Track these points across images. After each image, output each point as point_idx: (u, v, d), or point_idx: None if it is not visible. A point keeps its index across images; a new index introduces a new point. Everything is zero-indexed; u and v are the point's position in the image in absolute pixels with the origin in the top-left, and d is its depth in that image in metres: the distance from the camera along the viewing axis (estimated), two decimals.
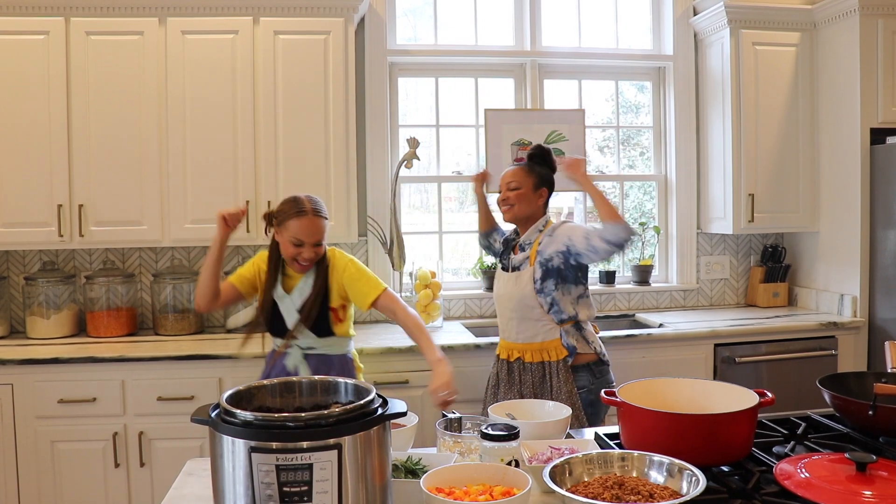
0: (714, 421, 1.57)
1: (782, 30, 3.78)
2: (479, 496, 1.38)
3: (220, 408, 1.29)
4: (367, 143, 3.78)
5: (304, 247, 2.40)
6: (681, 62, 4.05)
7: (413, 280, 3.66)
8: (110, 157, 3.28)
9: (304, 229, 2.38)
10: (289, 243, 2.41)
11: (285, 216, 2.40)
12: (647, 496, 1.34)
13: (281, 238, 2.44)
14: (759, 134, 3.78)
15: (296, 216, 2.38)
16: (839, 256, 3.75)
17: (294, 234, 2.38)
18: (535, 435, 1.77)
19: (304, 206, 2.39)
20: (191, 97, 3.30)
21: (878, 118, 3.53)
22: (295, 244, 2.40)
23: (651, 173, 4.23)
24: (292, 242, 2.40)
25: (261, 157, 3.35)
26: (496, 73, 4.04)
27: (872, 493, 1.35)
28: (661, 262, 4.23)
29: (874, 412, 1.70)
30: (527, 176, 2.74)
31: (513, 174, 2.76)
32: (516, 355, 2.73)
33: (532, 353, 2.69)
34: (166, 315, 3.48)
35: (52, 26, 3.22)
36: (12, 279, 3.60)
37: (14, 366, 2.98)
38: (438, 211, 4.03)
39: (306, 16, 3.36)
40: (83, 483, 3.02)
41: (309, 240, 2.40)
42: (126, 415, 3.03)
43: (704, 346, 3.47)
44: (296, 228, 2.38)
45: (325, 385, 1.47)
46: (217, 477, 1.26)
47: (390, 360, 3.18)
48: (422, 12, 4.04)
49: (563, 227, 2.73)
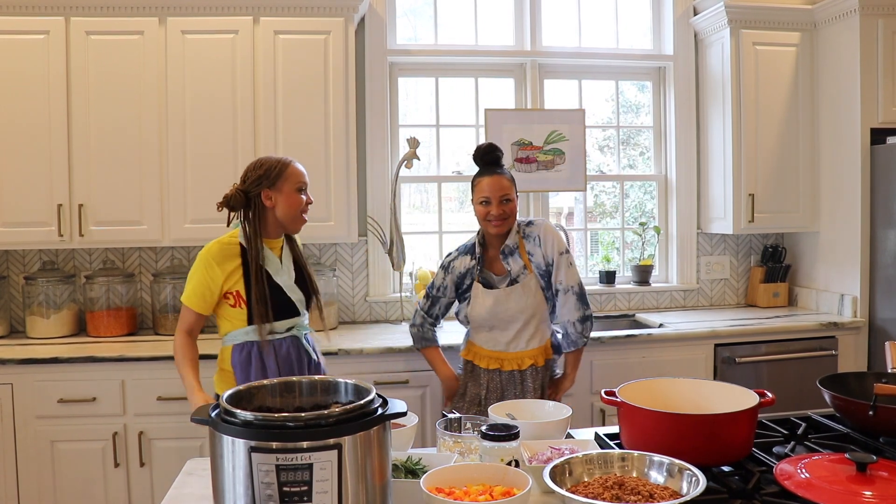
0: (714, 421, 1.57)
1: (782, 30, 3.78)
2: (479, 496, 1.38)
3: (220, 408, 1.29)
4: (367, 143, 3.78)
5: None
6: (681, 62, 4.05)
7: (413, 280, 3.66)
8: (110, 157, 3.28)
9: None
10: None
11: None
12: (647, 496, 1.34)
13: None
14: (759, 134, 3.78)
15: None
16: (839, 256, 3.75)
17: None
18: (535, 435, 1.77)
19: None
20: (191, 97, 3.30)
21: (878, 118, 3.53)
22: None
23: (651, 173, 4.23)
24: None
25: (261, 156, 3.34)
26: (496, 72, 4.04)
27: (872, 494, 1.35)
28: (662, 262, 4.22)
29: (874, 412, 1.71)
30: (511, 184, 2.61)
31: (502, 186, 2.57)
32: (529, 363, 2.64)
33: (541, 356, 2.67)
34: (166, 315, 3.48)
35: (52, 26, 3.21)
36: (12, 279, 3.60)
37: (14, 365, 2.98)
38: (438, 211, 4.03)
39: (306, 16, 3.35)
40: (83, 483, 3.02)
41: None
42: (126, 415, 3.03)
43: (704, 346, 3.47)
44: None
45: (325, 385, 1.47)
46: (217, 477, 1.26)
47: (390, 360, 3.18)
48: (422, 12, 4.04)
49: (546, 235, 2.63)
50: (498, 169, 2.63)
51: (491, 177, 2.59)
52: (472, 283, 2.67)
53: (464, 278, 2.69)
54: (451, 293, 2.74)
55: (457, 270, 2.70)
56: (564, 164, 3.92)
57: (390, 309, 3.82)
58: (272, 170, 2.33)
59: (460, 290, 2.71)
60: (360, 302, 3.82)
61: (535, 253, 2.63)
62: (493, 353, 2.66)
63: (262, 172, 2.33)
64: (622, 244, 4.26)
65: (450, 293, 2.74)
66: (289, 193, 2.33)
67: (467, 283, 2.69)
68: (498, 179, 2.58)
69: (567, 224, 4.25)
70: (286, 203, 2.34)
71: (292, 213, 2.35)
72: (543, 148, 3.90)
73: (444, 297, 2.75)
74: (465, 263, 2.69)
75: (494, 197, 2.57)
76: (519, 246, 2.64)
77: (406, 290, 3.77)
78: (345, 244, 3.79)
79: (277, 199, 2.33)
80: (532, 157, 3.89)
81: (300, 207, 2.36)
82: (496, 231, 2.60)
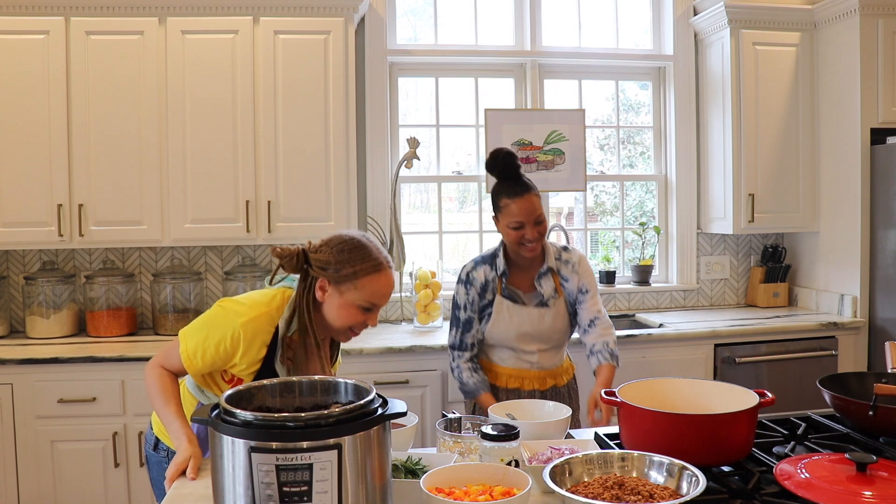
0: (714, 421, 1.57)
1: (782, 30, 3.78)
2: (479, 496, 1.38)
3: (219, 408, 1.29)
4: (367, 143, 3.77)
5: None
6: (681, 62, 4.05)
7: (413, 280, 3.66)
8: (110, 157, 3.28)
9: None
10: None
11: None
12: (647, 496, 1.34)
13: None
14: (759, 134, 3.78)
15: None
16: (839, 256, 3.74)
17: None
18: (535, 435, 1.77)
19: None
20: (191, 97, 3.30)
21: (878, 118, 3.53)
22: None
23: (651, 173, 4.23)
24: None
25: (261, 156, 3.35)
26: (496, 72, 4.04)
27: (872, 494, 1.35)
28: (662, 262, 4.22)
29: (874, 412, 1.70)
30: (541, 201, 2.43)
31: (534, 207, 2.36)
32: (550, 383, 2.52)
33: (563, 376, 2.58)
34: (166, 315, 3.48)
35: (52, 26, 3.21)
36: (12, 279, 3.60)
37: (14, 365, 2.98)
38: (438, 211, 4.03)
39: (306, 16, 3.35)
40: (83, 483, 3.02)
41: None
42: (126, 415, 3.03)
43: (704, 346, 3.47)
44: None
45: (324, 385, 1.47)
46: (217, 477, 1.26)
47: (390, 360, 3.18)
48: (422, 12, 4.04)
49: (584, 266, 2.51)
50: (523, 187, 2.38)
51: (521, 199, 2.35)
52: (494, 298, 2.46)
53: (485, 291, 2.47)
54: (478, 308, 2.49)
55: (478, 282, 2.47)
56: (564, 164, 3.92)
57: (390, 309, 3.82)
58: (347, 264, 1.73)
59: (480, 304, 2.49)
60: None
61: (570, 280, 2.49)
62: (515, 370, 2.49)
63: (339, 258, 1.73)
64: (622, 244, 4.26)
65: (478, 308, 2.49)
66: (349, 303, 1.75)
67: (488, 297, 2.47)
68: (529, 201, 2.36)
69: (567, 224, 4.25)
70: (338, 311, 1.77)
71: (340, 325, 1.79)
72: (543, 148, 3.90)
73: (475, 314, 2.48)
74: (484, 274, 2.47)
75: (528, 221, 2.36)
76: (552, 269, 2.49)
77: (406, 290, 3.77)
78: None
79: (333, 300, 1.76)
80: (532, 157, 3.89)
81: (353, 324, 1.79)
82: (531, 254, 2.42)
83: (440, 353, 3.20)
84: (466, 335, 2.49)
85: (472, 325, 2.48)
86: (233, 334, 1.72)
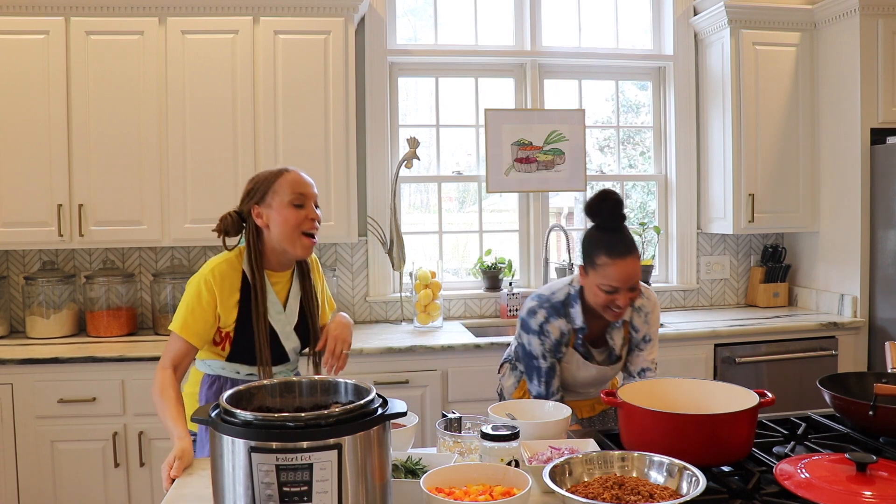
0: (714, 421, 1.57)
1: (782, 30, 3.78)
2: (479, 496, 1.38)
3: (219, 408, 1.29)
4: (367, 143, 3.77)
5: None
6: (681, 62, 4.05)
7: (413, 280, 3.66)
8: (110, 157, 3.28)
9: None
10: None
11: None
12: (647, 496, 1.34)
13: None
14: (759, 134, 3.78)
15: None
16: (839, 256, 3.74)
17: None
18: (535, 435, 1.77)
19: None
20: (191, 97, 3.30)
21: (878, 118, 3.53)
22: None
23: (651, 173, 4.23)
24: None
25: (261, 156, 3.35)
26: (496, 73, 4.04)
27: (872, 494, 1.35)
28: (662, 262, 4.22)
29: (874, 412, 1.71)
30: (640, 261, 2.16)
31: (636, 270, 2.10)
32: (600, 408, 2.46)
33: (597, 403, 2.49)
34: (166, 315, 3.47)
35: (52, 26, 3.21)
36: (12, 279, 3.60)
37: (14, 365, 2.98)
38: (438, 211, 4.03)
39: (306, 16, 3.35)
40: (83, 483, 3.02)
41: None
42: (126, 415, 3.03)
43: (704, 346, 3.47)
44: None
45: (325, 385, 1.47)
46: (217, 477, 1.26)
47: (390, 360, 3.18)
48: (422, 12, 4.04)
49: (656, 313, 2.32)
50: (627, 247, 2.09)
51: (623, 262, 2.07)
52: (566, 350, 2.26)
53: (558, 346, 2.24)
54: (556, 355, 2.26)
55: (553, 336, 2.22)
56: (564, 164, 3.92)
57: (390, 309, 3.82)
58: (261, 182, 1.94)
59: (556, 354, 2.28)
60: (360, 302, 3.82)
61: (640, 330, 2.30)
62: (569, 401, 2.28)
63: (251, 186, 1.95)
64: None
65: (556, 355, 2.26)
66: (280, 208, 1.90)
67: (561, 352, 2.26)
68: (632, 264, 2.08)
69: (567, 224, 4.25)
70: (278, 220, 1.90)
71: (287, 233, 1.91)
72: (543, 148, 3.90)
73: (555, 359, 2.26)
74: (560, 328, 2.23)
75: (624, 287, 2.09)
76: (625, 320, 2.30)
77: (406, 290, 3.77)
78: (345, 244, 3.79)
79: (269, 216, 1.91)
80: (532, 157, 3.89)
81: (296, 224, 1.91)
82: (616, 319, 2.19)
83: (440, 353, 3.20)
84: (552, 382, 2.26)
85: (555, 371, 2.26)
86: (206, 283, 1.91)
